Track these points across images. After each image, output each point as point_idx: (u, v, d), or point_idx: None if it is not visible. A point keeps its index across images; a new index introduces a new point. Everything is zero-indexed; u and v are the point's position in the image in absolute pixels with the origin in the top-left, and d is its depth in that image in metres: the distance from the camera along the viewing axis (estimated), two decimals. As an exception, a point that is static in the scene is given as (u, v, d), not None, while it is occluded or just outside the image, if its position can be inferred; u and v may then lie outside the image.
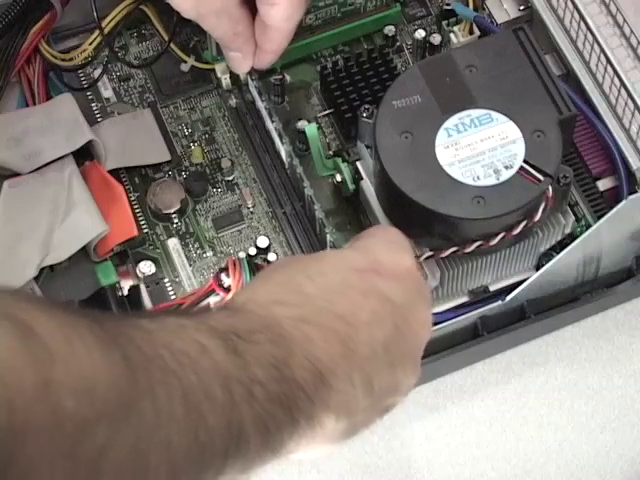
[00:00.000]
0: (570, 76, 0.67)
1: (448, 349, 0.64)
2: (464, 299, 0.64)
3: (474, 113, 0.60)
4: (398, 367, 0.51)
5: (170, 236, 0.68)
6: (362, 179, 0.64)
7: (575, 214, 0.65)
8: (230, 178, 0.70)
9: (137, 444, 0.38)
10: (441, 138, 0.60)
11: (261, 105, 0.69)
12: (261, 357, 0.44)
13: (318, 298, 0.49)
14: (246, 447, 0.43)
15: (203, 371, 0.41)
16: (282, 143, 0.67)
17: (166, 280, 0.66)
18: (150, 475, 0.39)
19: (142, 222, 0.68)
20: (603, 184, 0.66)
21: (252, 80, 0.69)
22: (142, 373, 0.38)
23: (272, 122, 0.68)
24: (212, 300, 0.62)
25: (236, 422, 0.42)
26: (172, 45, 0.71)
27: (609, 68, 0.64)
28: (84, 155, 0.68)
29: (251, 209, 0.69)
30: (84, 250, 0.65)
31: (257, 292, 0.49)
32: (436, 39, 0.70)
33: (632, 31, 0.64)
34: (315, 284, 0.50)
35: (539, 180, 0.59)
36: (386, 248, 0.54)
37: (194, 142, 0.71)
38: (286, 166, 0.68)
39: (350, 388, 0.48)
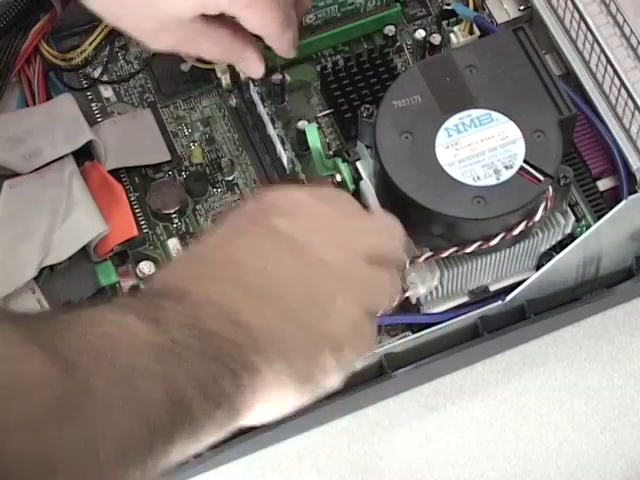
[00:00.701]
0: (570, 76, 0.67)
1: (448, 349, 0.64)
2: (464, 299, 0.64)
3: (474, 113, 0.60)
4: (310, 291, 0.50)
5: (170, 236, 0.68)
6: (362, 179, 0.64)
7: (575, 214, 0.65)
8: (230, 178, 0.70)
9: (84, 436, 0.39)
10: (441, 138, 0.60)
11: (263, 110, 0.69)
12: (174, 320, 0.45)
13: (209, 257, 0.50)
14: (190, 412, 0.44)
15: (129, 347, 0.42)
16: (284, 149, 0.67)
17: (166, 280, 0.66)
18: (102, 463, 0.40)
19: (142, 222, 0.68)
20: (603, 184, 0.66)
21: (254, 85, 0.69)
22: (74, 365, 0.39)
23: (274, 128, 0.68)
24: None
25: (174, 389, 0.43)
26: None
27: (609, 68, 0.64)
28: (84, 155, 0.68)
29: None
30: (84, 250, 0.65)
31: (164, 268, 0.51)
32: (436, 39, 0.70)
33: (632, 31, 0.64)
34: (206, 245, 0.51)
35: (539, 180, 0.59)
36: (278, 191, 0.55)
37: (194, 142, 0.71)
38: (287, 172, 0.68)
39: (266, 323, 0.48)
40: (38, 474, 0.37)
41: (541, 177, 0.59)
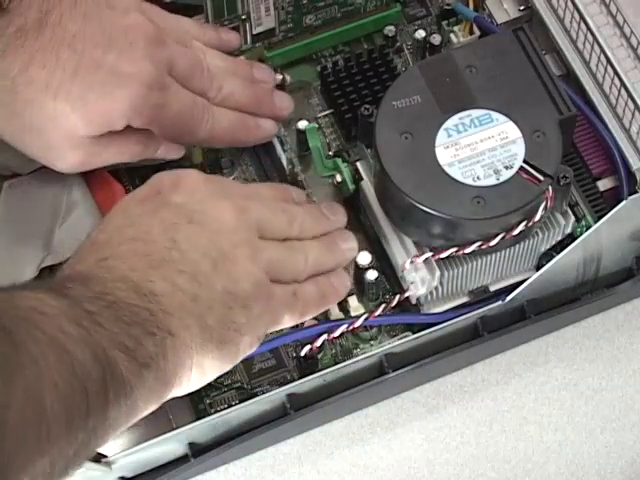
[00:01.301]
0: (570, 76, 0.67)
1: (448, 349, 0.64)
2: (464, 299, 0.64)
3: (474, 113, 0.60)
4: (211, 253, 0.53)
5: (170, 236, 0.68)
6: (362, 179, 0.64)
7: (575, 214, 0.65)
8: (230, 178, 0.70)
9: (29, 391, 0.41)
10: (441, 138, 0.60)
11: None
12: (82, 296, 0.48)
13: (110, 241, 0.53)
14: (119, 372, 0.47)
15: (52, 317, 0.45)
16: (284, 150, 0.67)
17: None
18: (49, 415, 0.42)
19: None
20: (603, 184, 0.66)
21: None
22: (11, 332, 0.42)
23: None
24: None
25: (99, 351, 0.46)
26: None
27: (609, 68, 0.64)
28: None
29: None
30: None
31: (72, 256, 0.54)
32: (436, 39, 0.70)
33: (632, 31, 0.64)
34: (106, 231, 0.54)
35: (539, 180, 0.59)
36: (167, 173, 0.57)
37: (194, 142, 0.71)
38: (286, 172, 0.68)
39: (174, 289, 0.51)
40: None
41: (541, 177, 0.59)
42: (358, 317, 0.62)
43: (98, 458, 0.58)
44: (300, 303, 0.58)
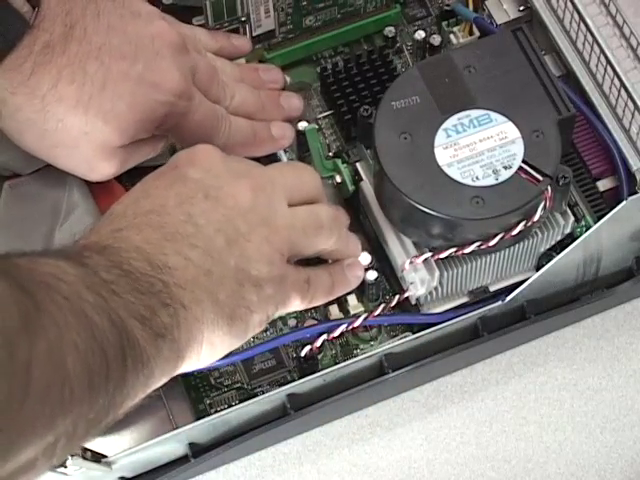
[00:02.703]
0: (570, 76, 0.67)
1: (448, 349, 0.64)
2: (464, 299, 0.65)
3: (473, 113, 0.60)
4: (226, 230, 0.54)
5: (170, 237, 0.68)
6: (362, 180, 0.65)
7: (575, 214, 0.65)
8: (230, 179, 0.70)
9: (51, 350, 0.41)
10: (440, 139, 0.60)
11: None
12: (99, 265, 0.48)
13: (125, 212, 0.53)
14: (135, 339, 0.47)
15: (70, 284, 0.45)
16: (284, 152, 0.68)
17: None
18: (71, 375, 0.42)
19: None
20: (603, 184, 0.66)
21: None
22: (30, 293, 0.42)
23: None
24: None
25: (116, 318, 0.46)
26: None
27: (609, 69, 0.64)
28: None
29: None
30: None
31: (91, 230, 0.54)
32: (436, 40, 0.70)
33: (632, 32, 0.64)
34: (122, 203, 0.54)
35: (538, 180, 0.59)
36: (185, 150, 0.57)
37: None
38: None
39: (187, 263, 0.52)
40: (16, 386, 0.39)
41: (540, 177, 0.59)
42: (358, 317, 0.62)
43: (98, 458, 0.59)
44: (312, 289, 0.59)
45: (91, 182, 0.65)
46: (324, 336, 0.62)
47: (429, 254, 0.61)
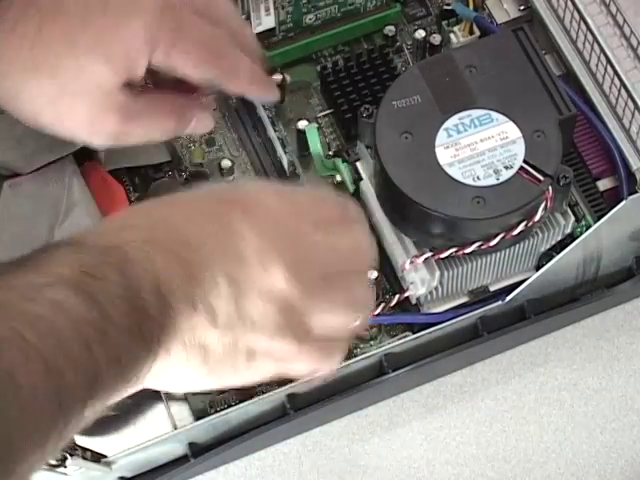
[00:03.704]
0: (570, 76, 0.67)
1: (448, 349, 0.64)
2: (464, 299, 0.64)
3: (474, 113, 0.60)
4: (246, 299, 0.50)
5: (170, 236, 0.68)
6: (362, 179, 0.64)
7: (575, 214, 0.65)
8: (230, 178, 0.70)
9: (10, 444, 0.39)
10: (441, 138, 0.60)
11: (263, 113, 0.69)
12: (111, 292, 0.45)
13: (166, 222, 0.50)
14: (103, 389, 0.45)
15: (60, 332, 0.42)
16: (285, 152, 0.67)
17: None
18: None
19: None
20: (603, 184, 0.66)
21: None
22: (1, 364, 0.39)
23: (275, 131, 0.68)
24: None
25: (93, 369, 0.44)
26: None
27: (609, 68, 0.64)
28: (84, 155, 0.68)
29: None
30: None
31: (107, 222, 0.51)
32: (436, 39, 0.70)
33: (632, 31, 0.64)
34: (167, 208, 0.51)
35: (539, 180, 0.59)
36: (257, 185, 0.54)
37: (194, 142, 0.71)
38: (287, 174, 0.68)
39: (192, 311, 0.48)
40: None
41: (541, 177, 0.59)
42: (358, 317, 0.62)
43: (98, 458, 0.59)
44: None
45: (91, 182, 0.65)
46: (324, 336, 0.62)
47: (429, 254, 0.61)
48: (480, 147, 0.59)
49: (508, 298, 0.62)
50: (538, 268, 0.63)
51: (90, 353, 0.44)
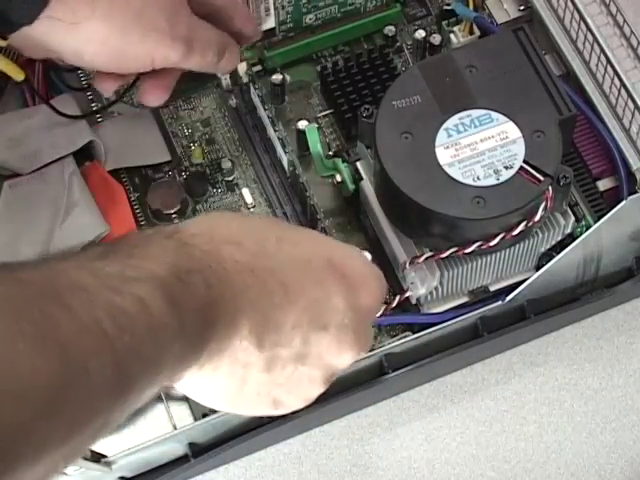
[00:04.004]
0: (570, 76, 0.67)
1: (448, 349, 0.64)
2: (464, 299, 0.64)
3: (474, 113, 0.60)
4: (306, 363, 0.51)
5: (170, 236, 0.68)
6: (362, 179, 0.64)
7: (575, 214, 0.65)
8: (230, 178, 0.70)
9: (70, 430, 0.38)
10: (441, 138, 0.60)
11: (263, 114, 0.69)
12: (194, 303, 0.45)
13: (275, 259, 0.49)
14: (154, 388, 0.44)
15: (138, 330, 0.41)
16: (285, 152, 0.67)
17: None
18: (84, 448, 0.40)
19: (142, 222, 0.68)
20: (603, 184, 0.66)
21: (255, 89, 0.69)
22: (76, 352, 0.38)
23: (275, 131, 0.68)
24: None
25: (155, 371, 0.43)
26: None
27: (609, 68, 0.64)
28: (84, 155, 0.68)
29: (251, 209, 0.69)
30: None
31: (217, 226, 0.49)
32: (436, 39, 0.70)
33: (632, 31, 0.64)
34: (279, 247, 0.50)
35: (539, 180, 0.59)
36: (365, 265, 0.53)
37: (194, 142, 0.71)
38: (287, 174, 0.68)
39: (257, 351, 0.48)
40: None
41: (541, 177, 0.59)
42: (358, 317, 0.62)
43: (98, 458, 0.59)
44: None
45: (91, 182, 0.65)
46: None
47: (430, 254, 0.61)
48: (480, 147, 0.59)
49: (508, 298, 0.62)
50: (538, 268, 0.63)
51: (158, 357, 0.43)
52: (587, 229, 0.62)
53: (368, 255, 0.58)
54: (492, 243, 0.59)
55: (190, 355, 0.45)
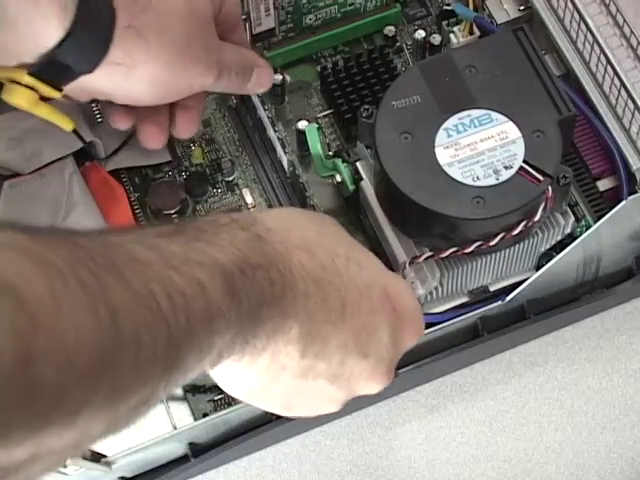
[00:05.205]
0: (570, 76, 0.67)
1: (448, 349, 0.64)
2: (464, 299, 0.64)
3: (474, 113, 0.60)
4: (334, 385, 0.51)
5: (170, 236, 0.68)
6: (362, 179, 0.64)
7: (575, 214, 0.65)
8: (230, 179, 0.70)
9: (109, 400, 0.37)
10: (441, 138, 0.60)
11: (263, 114, 0.69)
12: (253, 298, 0.45)
13: (341, 277, 0.50)
14: (197, 371, 0.44)
15: (194, 312, 0.41)
16: (285, 153, 0.67)
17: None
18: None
19: (142, 222, 0.68)
20: (603, 184, 0.66)
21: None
22: (128, 321, 0.37)
23: (275, 131, 0.68)
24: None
25: (202, 356, 0.43)
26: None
27: (609, 68, 0.64)
28: (84, 155, 0.68)
29: (251, 209, 0.69)
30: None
31: (294, 227, 0.50)
32: (436, 39, 0.70)
33: (632, 31, 0.64)
34: (347, 266, 0.50)
35: (539, 180, 0.59)
36: (413, 300, 0.54)
37: (194, 142, 0.71)
38: (287, 174, 0.68)
39: (299, 358, 0.49)
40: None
41: (541, 177, 0.59)
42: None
43: (98, 458, 0.59)
44: None
45: (91, 182, 0.65)
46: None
47: (429, 254, 0.61)
48: (480, 147, 0.59)
49: (508, 298, 0.62)
50: (538, 268, 0.63)
51: (209, 341, 0.43)
52: (587, 229, 0.62)
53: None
54: (492, 243, 0.59)
55: (238, 346, 0.46)
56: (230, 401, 0.64)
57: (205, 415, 0.62)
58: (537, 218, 0.59)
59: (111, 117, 0.65)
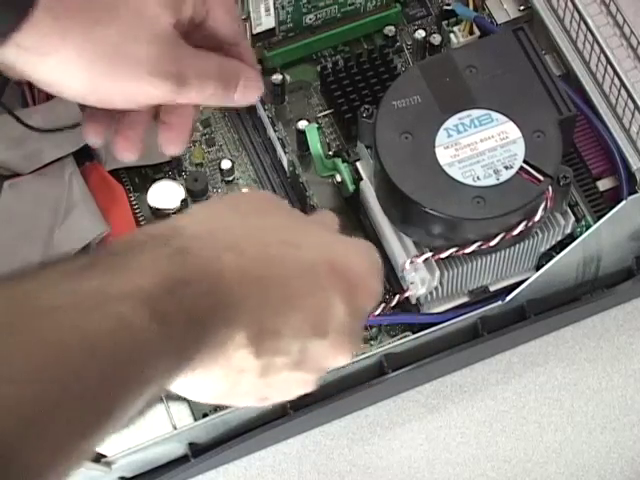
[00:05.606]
0: (570, 76, 0.67)
1: (448, 349, 0.64)
2: (464, 299, 0.64)
3: (474, 113, 0.60)
4: (302, 367, 0.50)
5: (170, 236, 0.68)
6: (362, 179, 0.64)
7: (575, 214, 0.65)
8: (230, 178, 0.70)
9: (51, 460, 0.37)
10: (441, 138, 0.60)
11: (263, 114, 0.69)
12: (185, 315, 0.42)
13: (277, 266, 0.47)
14: (137, 400, 0.42)
15: (119, 352, 0.39)
16: (285, 152, 0.67)
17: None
18: None
19: (142, 222, 0.68)
20: (603, 184, 0.66)
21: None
22: (43, 383, 0.36)
23: (275, 131, 0.68)
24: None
25: (136, 388, 0.41)
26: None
27: (609, 68, 0.64)
28: (84, 155, 0.68)
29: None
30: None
31: (218, 228, 0.47)
32: (436, 39, 0.70)
33: (632, 31, 0.64)
34: (283, 251, 0.48)
35: (539, 180, 0.59)
36: (365, 261, 0.51)
37: (194, 142, 0.71)
38: (287, 174, 0.68)
39: (250, 356, 0.47)
40: None
41: (541, 177, 0.59)
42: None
43: (97, 458, 0.59)
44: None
45: (91, 182, 0.65)
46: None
47: (430, 254, 0.61)
48: (480, 147, 0.59)
49: (508, 298, 0.62)
50: (538, 268, 0.63)
51: (139, 373, 0.41)
52: (587, 229, 0.62)
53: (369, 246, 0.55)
54: (492, 243, 0.59)
55: (181, 365, 0.44)
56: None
57: (205, 415, 0.62)
58: (537, 218, 0.59)
59: (83, 130, 0.60)
